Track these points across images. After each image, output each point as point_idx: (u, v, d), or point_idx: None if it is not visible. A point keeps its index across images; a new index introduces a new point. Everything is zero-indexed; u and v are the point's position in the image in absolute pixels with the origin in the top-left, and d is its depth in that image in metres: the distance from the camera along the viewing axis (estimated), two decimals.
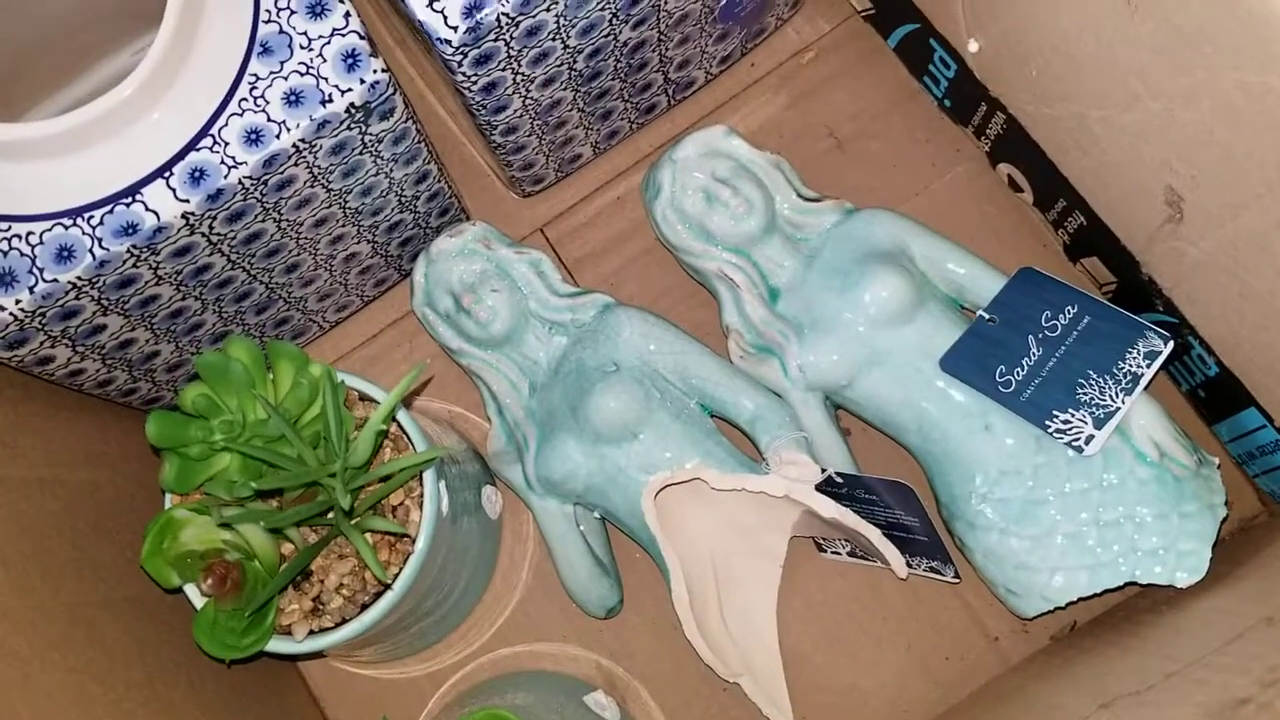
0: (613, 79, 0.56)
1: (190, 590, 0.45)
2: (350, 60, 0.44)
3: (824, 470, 0.53)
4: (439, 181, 0.56)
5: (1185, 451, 0.51)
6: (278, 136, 0.44)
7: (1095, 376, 0.51)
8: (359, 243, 0.55)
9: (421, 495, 0.47)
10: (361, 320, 0.63)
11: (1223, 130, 0.43)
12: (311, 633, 0.45)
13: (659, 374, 0.55)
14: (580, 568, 0.56)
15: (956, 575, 0.55)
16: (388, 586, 0.45)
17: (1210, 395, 0.55)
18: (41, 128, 0.41)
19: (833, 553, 0.58)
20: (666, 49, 0.56)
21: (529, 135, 0.56)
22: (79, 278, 0.43)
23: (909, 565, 0.55)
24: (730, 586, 0.57)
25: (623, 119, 0.61)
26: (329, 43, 0.44)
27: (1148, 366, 0.51)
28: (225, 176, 0.43)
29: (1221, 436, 0.56)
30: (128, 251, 0.43)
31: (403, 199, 0.54)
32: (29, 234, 0.43)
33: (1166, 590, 0.50)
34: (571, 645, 0.59)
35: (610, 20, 0.50)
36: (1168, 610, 0.49)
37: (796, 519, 0.56)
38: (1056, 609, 0.51)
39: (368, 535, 0.45)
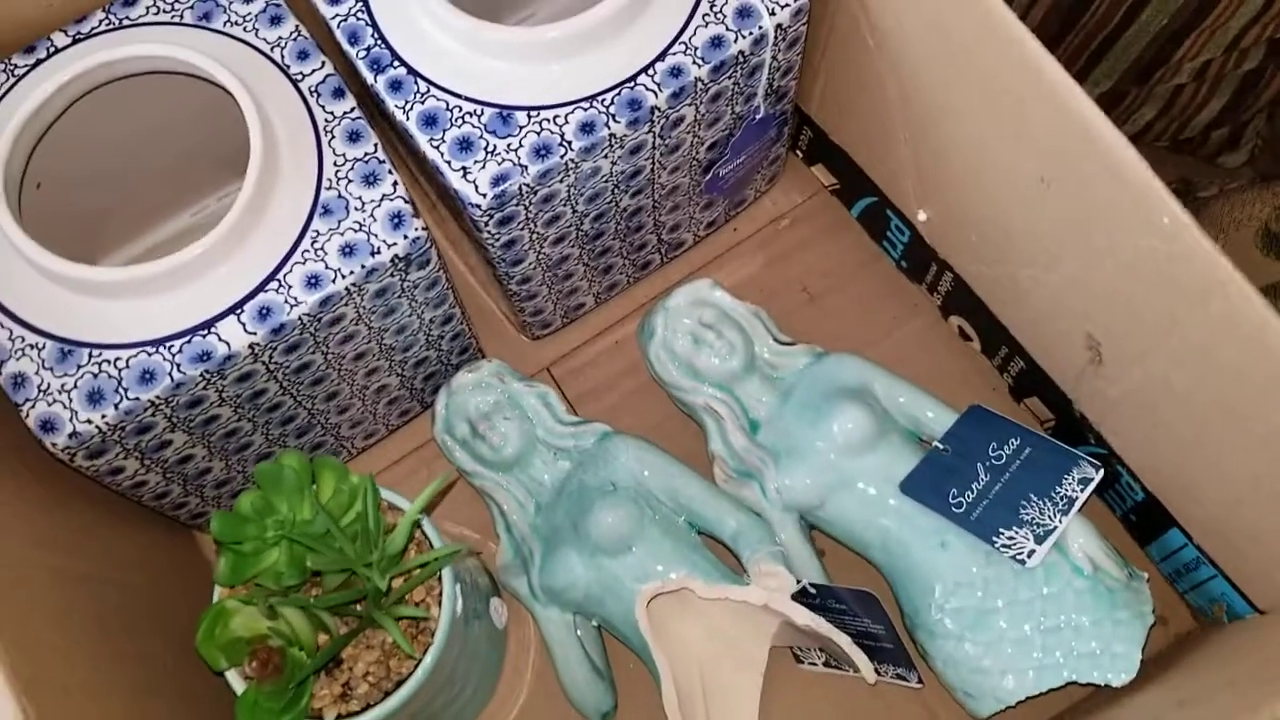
0: (613, 238, 0.64)
1: (231, 676, 0.51)
2: (396, 220, 0.53)
3: (799, 581, 0.59)
4: (461, 323, 0.64)
5: (1116, 566, 0.58)
6: (333, 281, 0.52)
7: (1036, 499, 0.58)
8: (389, 375, 0.63)
9: (441, 593, 0.53)
10: (387, 446, 0.70)
11: (1125, 286, 0.51)
12: (339, 716, 0.51)
13: (651, 494, 0.62)
14: (579, 673, 0.61)
15: (920, 680, 0.60)
16: (412, 670, 0.50)
17: (1140, 519, 0.62)
18: (135, 271, 0.49)
19: (809, 663, 0.64)
20: (660, 215, 0.66)
21: (540, 285, 0.64)
22: (157, 397, 0.50)
23: (877, 672, 0.60)
24: (716, 695, 0.62)
25: (621, 273, 0.70)
26: (379, 205, 0.53)
27: (1081, 491, 0.58)
28: (288, 314, 0.51)
29: (1153, 557, 0.63)
30: (200, 375, 0.51)
31: (429, 337, 0.62)
32: (117, 359, 0.50)
33: (1107, 691, 0.56)
34: None
35: (612, 191, 0.59)
36: (1106, 708, 0.54)
37: (775, 629, 0.61)
38: (1007, 708, 0.56)
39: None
